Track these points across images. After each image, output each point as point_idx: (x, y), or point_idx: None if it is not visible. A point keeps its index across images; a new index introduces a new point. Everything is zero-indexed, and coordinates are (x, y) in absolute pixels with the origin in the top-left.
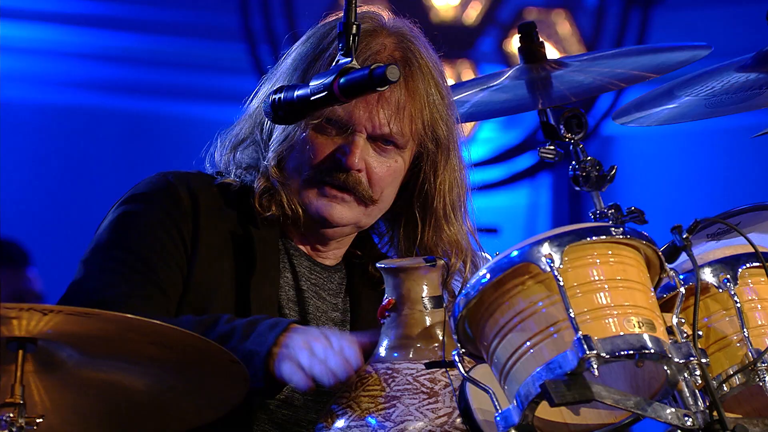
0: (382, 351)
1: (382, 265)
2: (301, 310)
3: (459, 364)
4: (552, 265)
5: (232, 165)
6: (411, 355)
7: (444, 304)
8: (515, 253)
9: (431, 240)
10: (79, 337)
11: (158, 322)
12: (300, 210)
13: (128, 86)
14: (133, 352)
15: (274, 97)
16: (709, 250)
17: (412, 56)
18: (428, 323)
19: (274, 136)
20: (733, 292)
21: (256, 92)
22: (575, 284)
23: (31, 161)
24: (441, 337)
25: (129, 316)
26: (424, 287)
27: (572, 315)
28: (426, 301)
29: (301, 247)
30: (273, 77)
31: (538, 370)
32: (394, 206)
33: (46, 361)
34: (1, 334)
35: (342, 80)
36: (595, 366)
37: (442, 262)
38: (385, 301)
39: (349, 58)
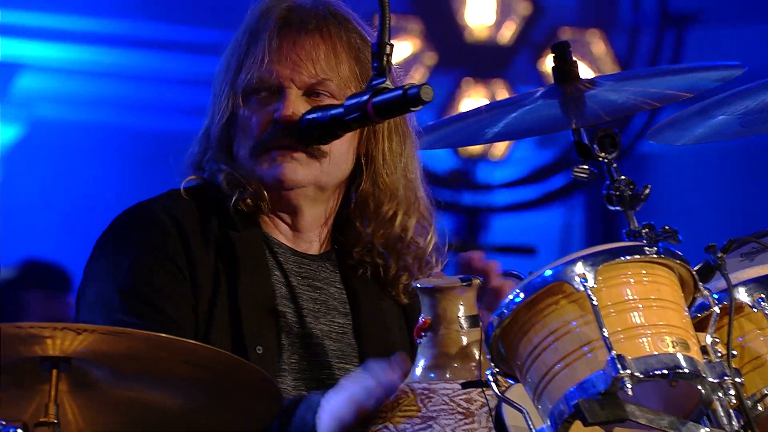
0: (418, 371)
1: (418, 285)
2: (296, 306)
3: (493, 384)
4: (585, 284)
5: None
6: (448, 375)
7: (480, 324)
8: (549, 272)
9: (368, 188)
10: (112, 356)
11: (191, 341)
12: (262, 188)
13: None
14: (165, 371)
15: (308, 117)
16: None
17: (323, 9)
18: (465, 343)
19: (210, 118)
20: (767, 312)
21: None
22: (609, 303)
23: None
24: (477, 357)
25: (161, 335)
26: (461, 307)
27: (606, 334)
28: (462, 320)
29: (283, 241)
30: (215, 80)
31: (571, 389)
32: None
33: (79, 381)
34: (36, 354)
35: (376, 100)
36: (628, 385)
37: (477, 281)
38: (420, 321)
39: (383, 78)
